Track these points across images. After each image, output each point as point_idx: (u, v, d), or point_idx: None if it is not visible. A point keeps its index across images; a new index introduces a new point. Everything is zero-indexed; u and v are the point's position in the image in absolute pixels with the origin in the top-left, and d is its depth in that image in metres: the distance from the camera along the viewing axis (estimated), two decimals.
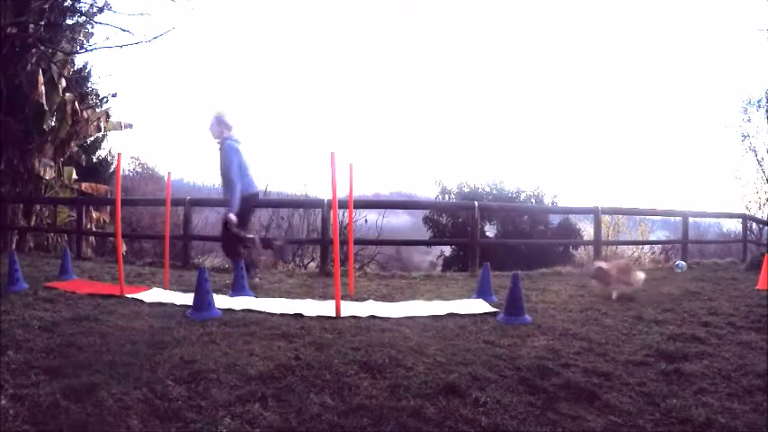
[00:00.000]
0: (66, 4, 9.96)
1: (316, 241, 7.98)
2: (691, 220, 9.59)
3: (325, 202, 6.78)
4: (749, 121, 16.12)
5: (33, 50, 9.59)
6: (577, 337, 3.21)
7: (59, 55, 9.97)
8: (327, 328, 3.28)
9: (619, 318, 3.77)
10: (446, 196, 12.74)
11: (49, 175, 10.28)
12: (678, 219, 9.42)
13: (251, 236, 5.00)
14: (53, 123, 10.45)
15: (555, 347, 2.96)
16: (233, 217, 4.75)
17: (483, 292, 4.44)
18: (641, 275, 4.68)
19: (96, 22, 9.87)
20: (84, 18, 9.93)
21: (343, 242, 5.88)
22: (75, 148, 11.21)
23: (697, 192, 35.91)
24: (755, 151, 16.10)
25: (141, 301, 4.02)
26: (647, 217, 15.09)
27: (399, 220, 15.92)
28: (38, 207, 10.38)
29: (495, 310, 3.92)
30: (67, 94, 10.37)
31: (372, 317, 3.64)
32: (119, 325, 3.23)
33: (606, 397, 2.23)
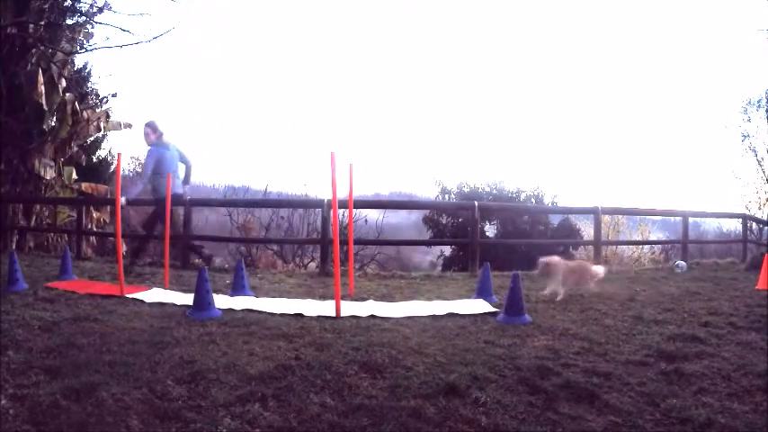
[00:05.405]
0: (66, 4, 9.97)
1: (316, 241, 7.98)
2: (691, 220, 9.58)
3: (325, 202, 6.77)
4: (749, 121, 16.07)
5: (33, 50, 9.60)
6: (577, 337, 3.21)
7: (59, 55, 9.98)
8: (327, 328, 3.28)
9: (619, 318, 3.77)
10: (446, 196, 12.72)
11: (49, 175, 10.28)
12: (678, 219, 9.42)
13: None
14: (53, 123, 10.45)
15: (555, 347, 2.96)
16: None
17: (483, 292, 4.44)
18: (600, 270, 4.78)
19: (96, 22, 9.91)
20: (84, 18, 9.94)
21: (344, 242, 5.88)
22: (76, 148, 11.21)
23: (697, 192, 35.94)
24: (755, 151, 16.07)
25: (141, 301, 4.02)
26: (647, 217, 15.08)
27: (399, 218, 15.90)
28: (38, 207, 10.38)
29: (495, 310, 3.92)
30: (67, 94, 10.36)
31: (372, 317, 3.64)
32: (119, 325, 3.23)
33: (606, 397, 2.23)
